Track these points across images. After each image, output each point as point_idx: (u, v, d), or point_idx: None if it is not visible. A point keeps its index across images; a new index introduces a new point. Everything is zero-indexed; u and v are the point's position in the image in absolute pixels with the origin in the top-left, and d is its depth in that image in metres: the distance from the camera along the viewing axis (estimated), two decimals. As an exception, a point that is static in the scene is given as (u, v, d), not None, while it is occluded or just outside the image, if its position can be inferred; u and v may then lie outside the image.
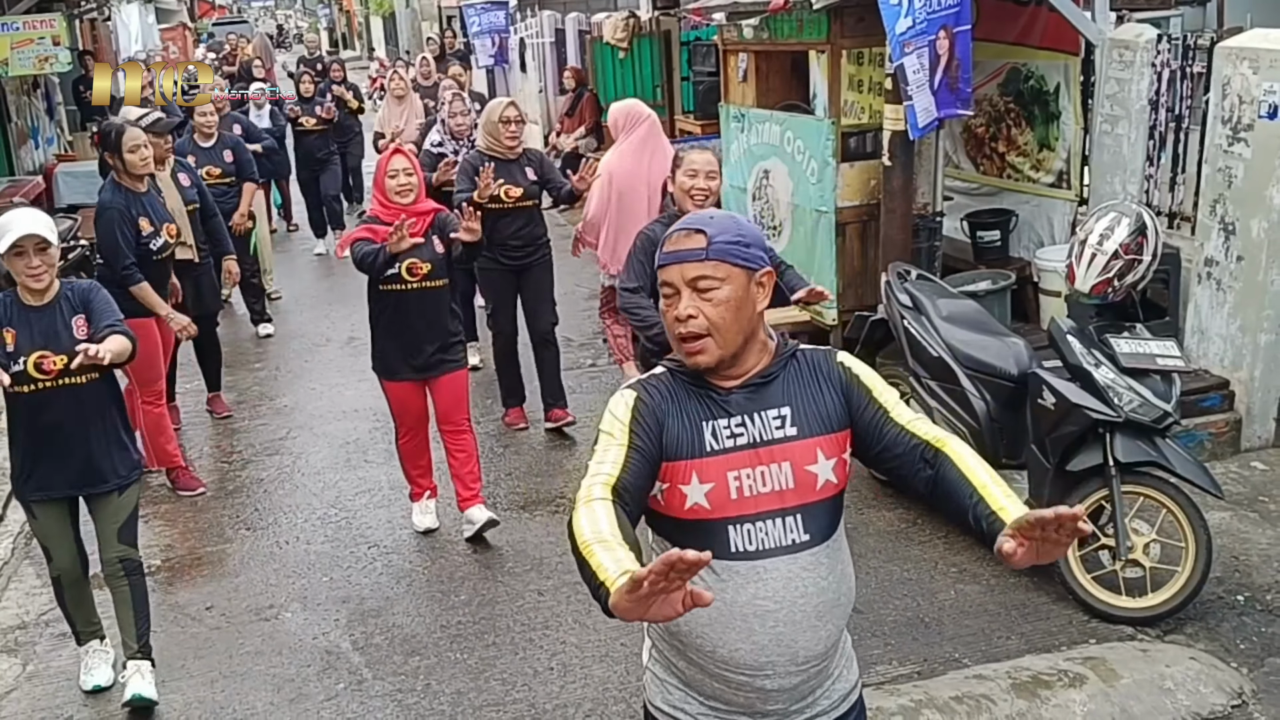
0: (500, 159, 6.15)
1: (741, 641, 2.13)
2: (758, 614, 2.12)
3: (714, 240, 2.12)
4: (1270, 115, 5.28)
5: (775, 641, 2.13)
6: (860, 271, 6.69)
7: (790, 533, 2.13)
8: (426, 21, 27.06)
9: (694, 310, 2.12)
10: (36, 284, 3.89)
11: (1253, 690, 3.97)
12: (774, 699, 2.19)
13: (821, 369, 2.23)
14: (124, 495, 4.15)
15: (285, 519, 5.66)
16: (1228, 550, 4.79)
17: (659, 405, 2.16)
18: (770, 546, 2.12)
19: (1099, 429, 4.34)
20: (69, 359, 3.88)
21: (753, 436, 2.14)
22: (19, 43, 10.52)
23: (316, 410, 7.16)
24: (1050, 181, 6.81)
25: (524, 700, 4.07)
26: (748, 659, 2.14)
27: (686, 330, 2.13)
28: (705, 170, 4.39)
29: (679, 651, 2.23)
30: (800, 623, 2.14)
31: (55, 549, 4.16)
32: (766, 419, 2.15)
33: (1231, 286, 5.60)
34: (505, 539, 5.27)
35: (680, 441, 2.14)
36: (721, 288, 2.12)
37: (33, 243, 3.84)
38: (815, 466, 2.15)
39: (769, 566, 2.12)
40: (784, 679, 2.17)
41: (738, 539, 2.12)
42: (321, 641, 4.53)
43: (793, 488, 2.14)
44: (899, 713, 3.78)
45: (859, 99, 6.70)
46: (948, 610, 4.51)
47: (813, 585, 2.14)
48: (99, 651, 4.34)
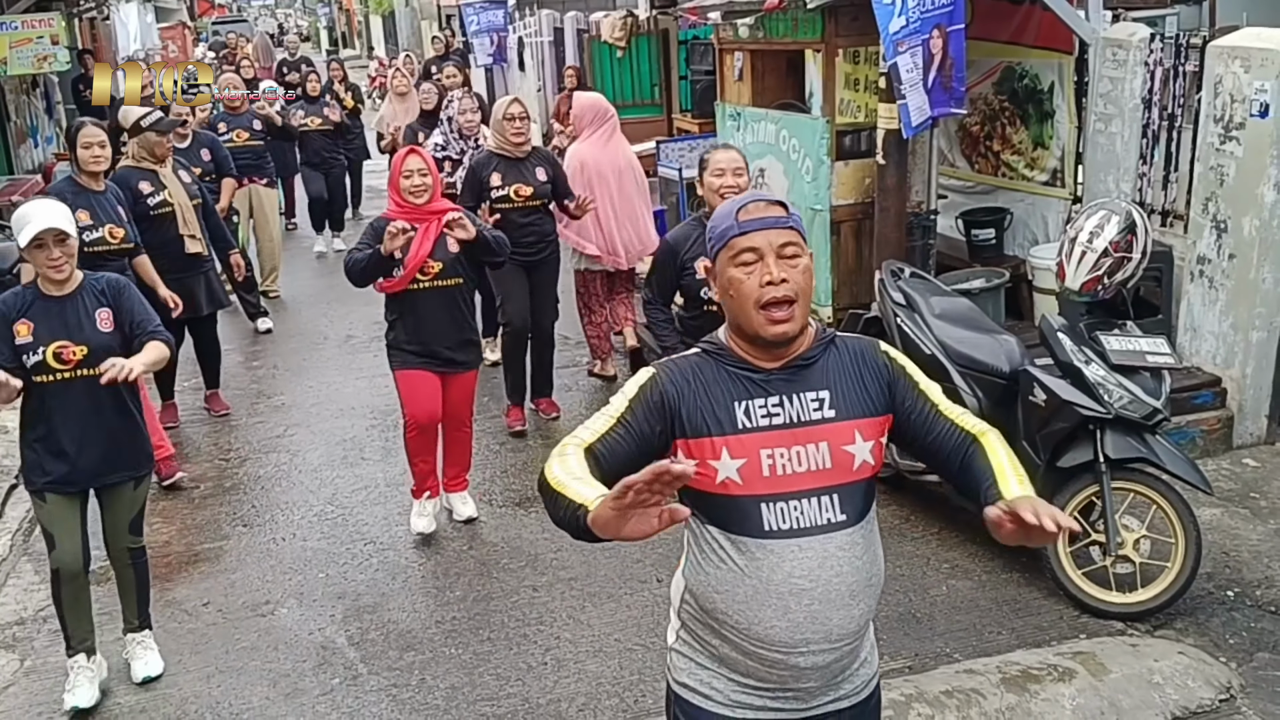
0: (508, 158, 6.18)
1: (778, 619, 2.17)
2: (793, 592, 2.15)
3: (791, 212, 2.21)
4: (1262, 114, 5.31)
5: (810, 619, 2.17)
6: (855, 269, 6.72)
7: (826, 511, 2.17)
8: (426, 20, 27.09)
9: (785, 274, 2.14)
10: (57, 275, 3.93)
11: (1241, 685, 3.99)
12: (807, 676, 2.23)
13: (865, 357, 2.27)
14: (138, 489, 4.20)
15: (282, 516, 5.69)
16: (1218, 546, 4.82)
17: (677, 386, 2.20)
18: (806, 525, 2.16)
19: (1089, 426, 4.38)
20: (89, 350, 3.92)
21: (790, 416, 2.17)
22: (18, 42, 10.56)
23: (314, 408, 7.19)
24: (1045, 180, 6.84)
25: (518, 695, 4.10)
26: (783, 636, 2.18)
27: (780, 294, 2.14)
28: (732, 168, 4.44)
29: (713, 630, 2.26)
30: (835, 601, 2.17)
31: (60, 536, 4.10)
32: (805, 400, 2.19)
33: (1223, 284, 5.63)
34: (500, 535, 5.31)
35: (706, 419, 2.17)
36: (803, 256, 2.19)
37: (52, 235, 3.86)
38: (853, 447, 2.19)
39: (804, 545, 2.15)
40: (818, 656, 2.21)
41: (771, 517, 2.15)
42: (317, 637, 4.56)
43: (830, 467, 2.17)
44: (889, 706, 3.80)
45: (855, 98, 6.74)
46: (939, 605, 4.54)
47: (847, 565, 2.18)
48: (84, 669, 4.18)
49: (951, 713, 3.80)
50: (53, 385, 3.96)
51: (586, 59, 13.68)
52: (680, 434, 2.19)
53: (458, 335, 5.14)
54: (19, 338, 3.92)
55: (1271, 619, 4.37)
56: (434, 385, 5.16)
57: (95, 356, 3.92)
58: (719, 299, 2.25)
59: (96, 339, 3.96)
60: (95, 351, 3.93)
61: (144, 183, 6.45)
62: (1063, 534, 2.00)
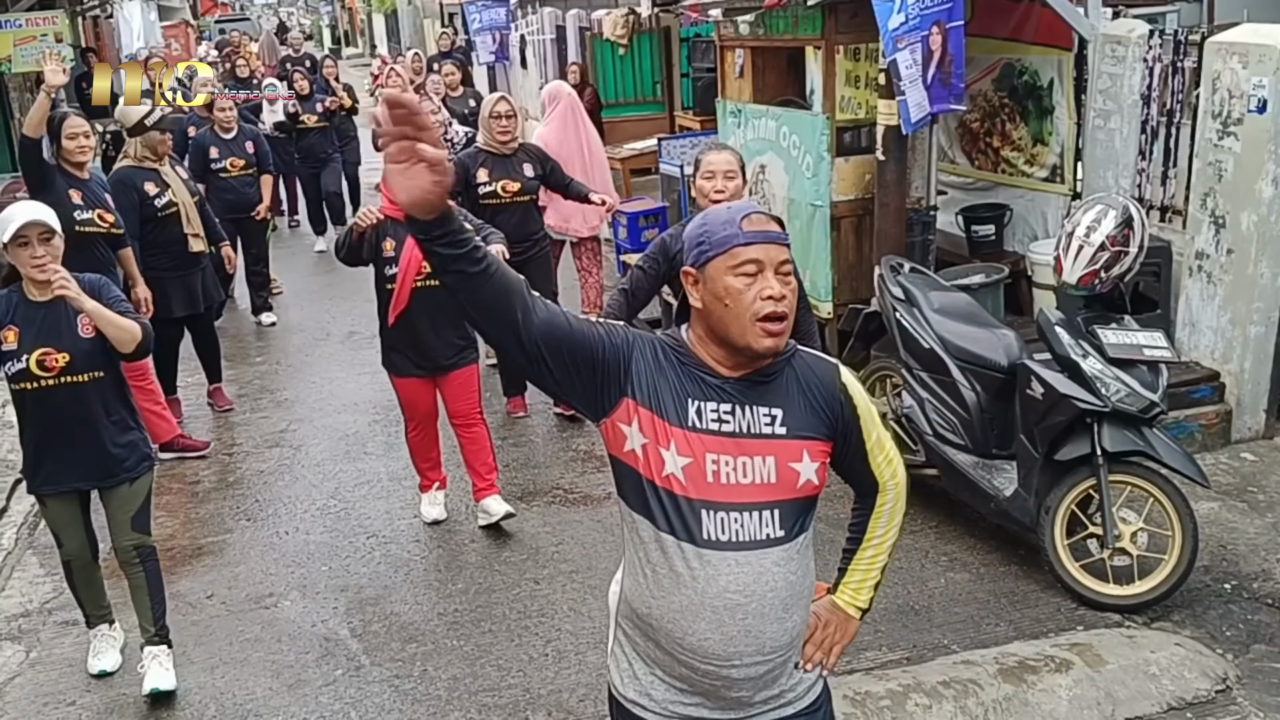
0: (496, 154, 6.22)
1: (711, 631, 2.15)
2: (728, 606, 2.13)
3: (785, 230, 2.21)
4: (1259, 109, 5.33)
5: (744, 633, 2.15)
6: (855, 265, 6.74)
7: (766, 526, 2.14)
8: (429, 19, 27.10)
9: (786, 291, 2.13)
10: (41, 275, 3.84)
11: (1237, 676, 4.02)
12: (739, 686, 2.21)
13: (822, 382, 2.24)
14: (135, 485, 4.16)
15: (285, 510, 5.73)
16: (1216, 539, 4.85)
17: (646, 357, 2.17)
18: (745, 539, 2.13)
19: (1086, 419, 4.40)
20: (71, 357, 3.90)
21: (740, 426, 2.14)
22: (21, 40, 10.59)
23: (317, 403, 7.23)
24: (1044, 176, 6.86)
25: (519, 685, 4.14)
26: (716, 649, 2.16)
27: (778, 309, 2.11)
28: (723, 171, 4.15)
29: (646, 635, 2.25)
30: (769, 615, 2.16)
31: (65, 536, 4.19)
32: (757, 413, 2.15)
33: (1222, 279, 5.65)
34: (502, 529, 5.34)
35: (663, 401, 2.14)
36: (793, 278, 2.17)
37: (36, 231, 3.83)
38: (800, 465, 2.16)
39: (741, 559, 2.13)
40: (750, 669, 2.19)
41: (712, 527, 2.12)
42: (320, 629, 4.59)
43: (774, 482, 2.15)
44: (887, 697, 3.84)
45: (856, 94, 6.75)
46: (937, 598, 4.57)
47: (782, 579, 2.16)
48: (107, 636, 4.39)
49: (949, 703, 3.83)
50: (36, 392, 3.94)
51: (588, 56, 13.72)
52: (633, 395, 2.14)
53: (452, 333, 5.13)
54: (4, 344, 3.89)
55: (1268, 611, 4.39)
56: (430, 392, 5.22)
57: (78, 363, 3.92)
58: (702, 305, 2.16)
59: (78, 345, 3.92)
60: (77, 358, 3.92)
61: (149, 183, 6.50)
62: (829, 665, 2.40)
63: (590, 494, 5.61)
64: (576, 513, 5.47)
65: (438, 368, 5.15)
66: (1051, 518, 4.47)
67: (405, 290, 4.98)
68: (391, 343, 5.17)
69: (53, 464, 4.05)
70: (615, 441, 2.18)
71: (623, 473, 2.19)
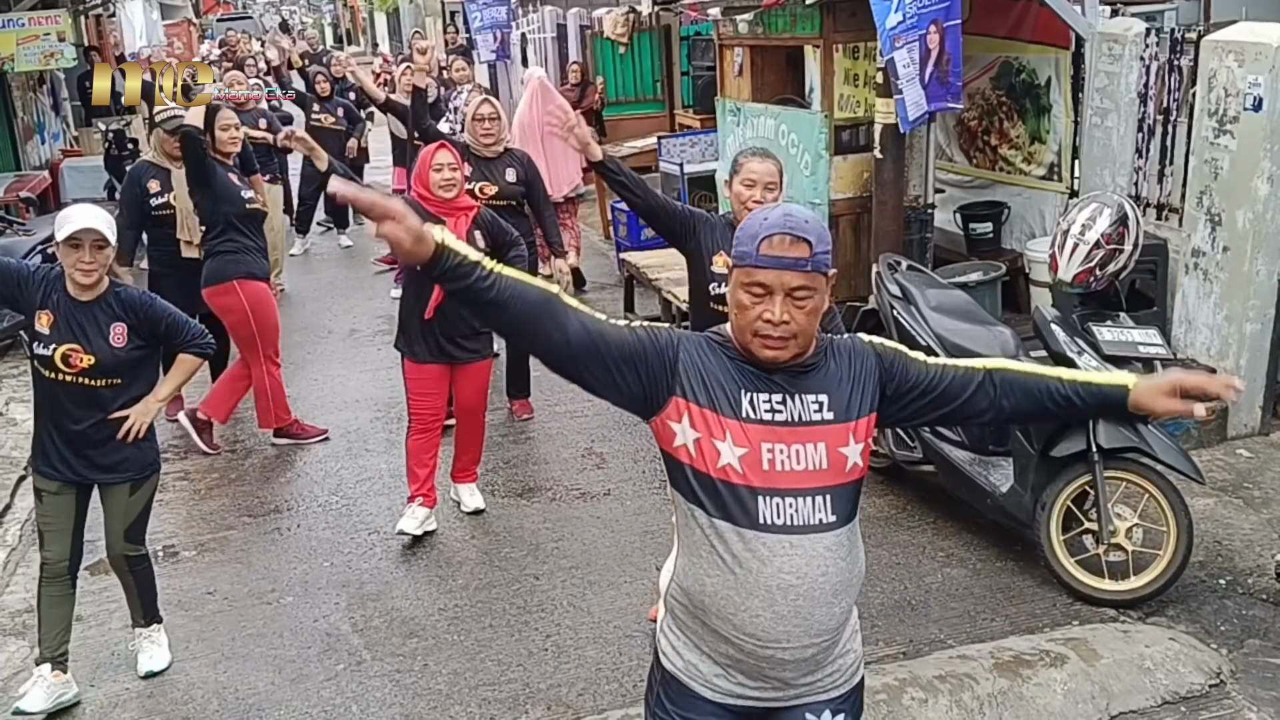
0: (480, 156, 6.24)
1: (763, 610, 2.22)
2: (781, 587, 2.21)
3: (816, 251, 2.18)
4: (1255, 107, 5.36)
5: (795, 614, 2.22)
6: (853, 263, 6.77)
7: (819, 512, 2.22)
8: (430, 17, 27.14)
9: (787, 316, 2.17)
10: (85, 279, 3.91)
11: (1231, 671, 4.06)
12: (786, 667, 2.29)
13: (855, 355, 2.31)
14: (135, 494, 4.18)
15: (287, 506, 5.76)
16: (1211, 535, 4.88)
17: (691, 354, 2.24)
18: (800, 524, 2.21)
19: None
20: (96, 360, 3.94)
21: (792, 415, 2.22)
22: (25, 39, 10.64)
23: (319, 400, 7.26)
24: (1041, 174, 6.89)
25: (519, 680, 4.17)
26: (766, 629, 2.24)
27: (777, 334, 2.18)
28: (764, 182, 3.90)
29: (695, 616, 2.33)
30: (819, 599, 2.23)
31: (51, 537, 4.15)
32: (806, 401, 2.23)
33: (1218, 277, 5.68)
34: (503, 525, 5.38)
35: (714, 395, 2.21)
36: (814, 296, 2.19)
37: (90, 238, 3.86)
38: (847, 449, 2.24)
39: (796, 542, 2.21)
40: (798, 651, 2.27)
41: (767, 511, 2.20)
42: (322, 624, 4.63)
43: (826, 468, 2.22)
44: (883, 691, 3.87)
45: (854, 93, 6.78)
46: (934, 593, 4.60)
47: (833, 564, 2.24)
48: (44, 679, 4.07)
49: (944, 697, 3.86)
50: (57, 384, 3.99)
51: (589, 55, 13.75)
52: (683, 394, 2.22)
53: (473, 325, 5.17)
54: (39, 325, 3.96)
55: (1262, 606, 4.43)
56: (443, 383, 5.23)
57: (102, 368, 3.96)
58: (730, 300, 2.27)
59: (106, 352, 3.97)
60: (103, 363, 3.96)
61: (153, 181, 6.59)
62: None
63: (590, 491, 5.65)
64: (576, 509, 5.51)
65: (457, 357, 5.18)
66: (1047, 513, 4.51)
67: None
68: (416, 331, 5.16)
69: (58, 453, 4.07)
70: (665, 437, 2.27)
71: (674, 466, 2.28)
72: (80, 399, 4.01)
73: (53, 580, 4.15)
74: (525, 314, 2.16)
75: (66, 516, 4.14)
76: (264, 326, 6.33)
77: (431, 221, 2.17)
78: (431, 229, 2.09)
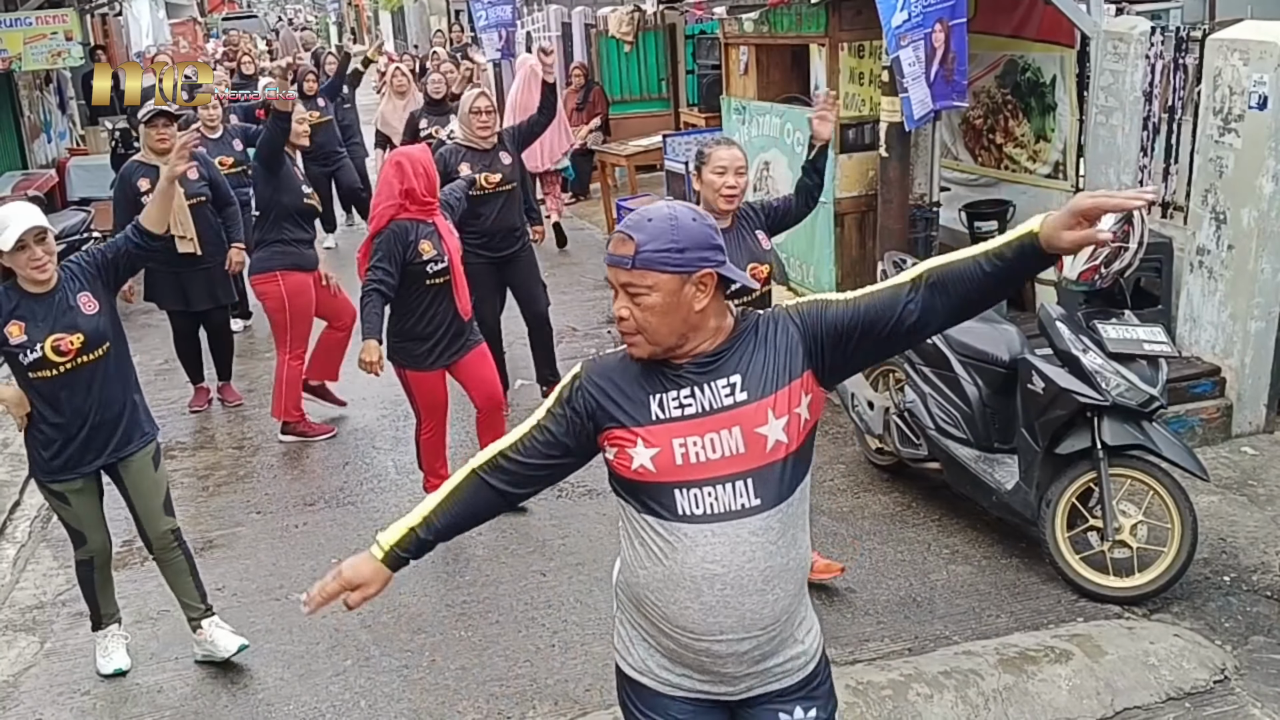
0: (477, 149, 6.27)
1: (690, 602, 2.24)
2: (706, 577, 2.21)
3: (641, 249, 2.18)
4: (1260, 106, 5.37)
5: (723, 604, 2.22)
6: (858, 261, 6.79)
7: (740, 497, 2.21)
8: (435, 15, 27.15)
9: (625, 312, 2.23)
10: (41, 274, 3.92)
11: (1235, 667, 4.06)
12: (726, 662, 2.29)
13: (776, 323, 2.29)
14: (159, 468, 4.27)
15: (294, 503, 5.80)
16: (1216, 532, 4.89)
17: (597, 384, 2.31)
18: (719, 511, 2.21)
19: (1087, 413, 4.44)
20: (85, 336, 3.96)
21: (702, 405, 2.22)
22: (32, 38, 10.68)
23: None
24: (1047, 172, 6.90)
25: (526, 675, 4.20)
26: (696, 621, 2.24)
27: (620, 328, 2.26)
28: (734, 167, 4.09)
29: (639, 609, 2.35)
30: (748, 587, 2.22)
31: (90, 531, 4.22)
32: (716, 388, 2.23)
33: (1222, 275, 5.69)
34: (509, 522, 5.39)
35: (625, 411, 2.26)
36: (649, 294, 2.19)
37: (33, 234, 3.88)
38: (765, 428, 2.21)
39: (717, 530, 2.21)
40: (734, 645, 2.27)
41: (684, 502, 2.21)
42: (330, 620, 4.64)
43: (743, 452, 2.21)
44: (888, 687, 3.89)
45: (860, 91, 6.80)
46: (939, 590, 4.62)
47: (760, 550, 2.22)
48: (117, 635, 4.43)
49: (950, 693, 3.88)
50: (57, 379, 3.99)
51: (594, 54, 13.77)
52: (604, 425, 2.29)
53: (458, 325, 5.17)
54: (12, 339, 3.93)
55: (1267, 603, 4.44)
56: (442, 380, 5.24)
57: (91, 341, 3.99)
58: None
59: (88, 324, 4.00)
60: (90, 337, 3.99)
61: (144, 180, 6.53)
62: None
63: (595, 488, 5.66)
64: (582, 506, 5.53)
65: (456, 354, 5.17)
66: (1052, 511, 4.52)
67: (461, 278, 5.05)
68: (421, 335, 5.08)
69: (76, 447, 4.07)
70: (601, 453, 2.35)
71: (610, 474, 2.34)
72: (90, 379, 4.03)
73: (101, 566, 4.32)
74: (475, 518, 2.41)
75: (95, 507, 4.23)
76: (297, 319, 6.48)
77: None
78: (362, 564, 2.43)
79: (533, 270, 6.67)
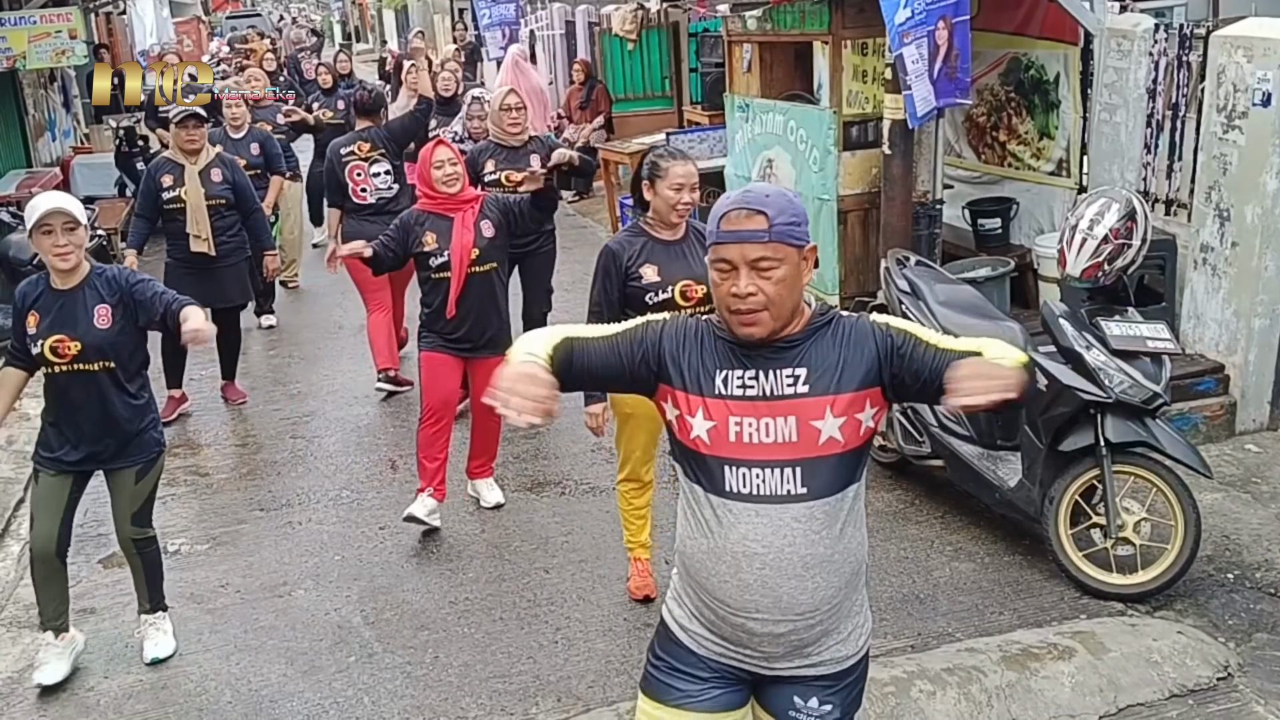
0: (506, 146, 6.28)
1: (730, 577, 2.30)
2: (746, 554, 2.28)
3: (775, 222, 2.23)
4: (1264, 103, 5.36)
5: (760, 583, 2.28)
6: (862, 258, 6.79)
7: (787, 484, 2.27)
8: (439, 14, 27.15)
9: (754, 289, 2.24)
10: (63, 264, 3.93)
11: (1239, 664, 4.06)
12: (763, 642, 2.34)
13: (857, 331, 2.33)
14: (140, 483, 4.22)
15: (298, 500, 5.80)
16: (1219, 530, 4.89)
17: (675, 340, 2.36)
18: (765, 493, 2.27)
19: (1090, 410, 4.44)
20: (83, 346, 3.97)
21: (763, 389, 2.28)
22: (36, 36, 10.69)
23: (329, 396, 7.30)
24: (1050, 170, 6.90)
25: (529, 672, 4.20)
26: (734, 597, 2.31)
27: (745, 306, 2.25)
28: (690, 184, 4.14)
29: (688, 574, 2.42)
30: (786, 570, 2.27)
31: (39, 518, 4.15)
32: (780, 376, 2.28)
33: (1226, 272, 5.68)
34: (512, 519, 5.41)
35: (692, 377, 2.33)
36: (780, 267, 2.24)
37: (60, 221, 3.89)
38: (820, 423, 2.27)
39: (761, 511, 2.27)
40: (771, 625, 2.32)
41: (733, 479, 2.28)
42: (333, 617, 4.66)
43: (795, 441, 2.27)
44: (891, 683, 3.89)
45: (863, 89, 6.80)
46: (942, 587, 4.62)
47: (801, 537, 2.27)
48: (50, 646, 4.25)
49: (952, 689, 3.88)
50: (54, 376, 4.04)
51: (597, 52, 13.77)
52: (668, 381, 2.35)
53: (495, 317, 5.22)
54: (28, 327, 4.00)
55: (1270, 601, 4.43)
56: (456, 372, 5.24)
57: (89, 353, 3.99)
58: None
59: (91, 335, 3.99)
60: (89, 348, 3.99)
61: (167, 176, 6.72)
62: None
63: (599, 485, 5.67)
64: (585, 503, 5.53)
65: (473, 351, 5.19)
66: (1055, 508, 4.52)
67: (460, 278, 5.07)
68: (432, 325, 5.19)
69: (62, 443, 4.12)
70: (661, 411, 2.42)
71: (670, 434, 2.41)
72: (81, 386, 4.03)
73: (41, 561, 4.17)
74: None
75: (58, 500, 4.15)
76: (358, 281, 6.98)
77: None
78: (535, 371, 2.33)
79: (545, 271, 6.68)
